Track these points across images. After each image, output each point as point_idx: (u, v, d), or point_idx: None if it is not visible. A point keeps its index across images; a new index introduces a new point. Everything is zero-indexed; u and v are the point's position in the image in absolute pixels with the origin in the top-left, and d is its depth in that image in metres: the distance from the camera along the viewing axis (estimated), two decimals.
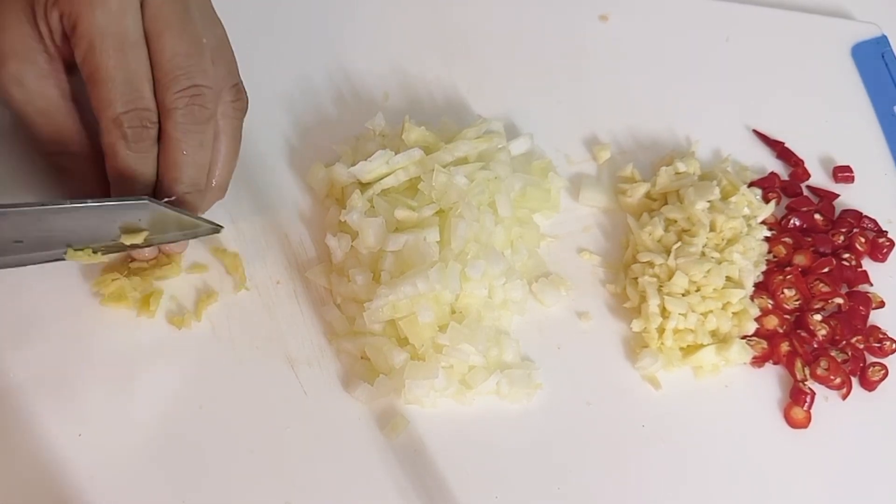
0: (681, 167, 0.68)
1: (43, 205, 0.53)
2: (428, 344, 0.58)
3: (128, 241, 0.56)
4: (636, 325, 0.63)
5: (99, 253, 0.57)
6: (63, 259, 0.57)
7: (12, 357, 0.56)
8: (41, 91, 0.55)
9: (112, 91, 0.53)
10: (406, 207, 0.61)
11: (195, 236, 0.59)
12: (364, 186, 0.63)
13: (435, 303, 0.58)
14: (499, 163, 0.64)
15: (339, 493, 0.56)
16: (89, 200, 0.54)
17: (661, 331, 0.62)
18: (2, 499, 0.53)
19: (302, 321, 0.61)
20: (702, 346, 0.62)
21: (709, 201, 0.65)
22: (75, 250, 0.56)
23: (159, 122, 0.55)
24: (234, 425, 0.57)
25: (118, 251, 0.58)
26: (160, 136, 0.56)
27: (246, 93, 0.60)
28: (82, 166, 0.57)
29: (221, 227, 0.59)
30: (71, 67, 0.56)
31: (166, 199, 0.56)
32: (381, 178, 0.63)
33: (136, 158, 0.55)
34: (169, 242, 0.59)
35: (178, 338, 0.59)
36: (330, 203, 0.65)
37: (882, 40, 0.80)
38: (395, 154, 0.63)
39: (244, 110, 0.60)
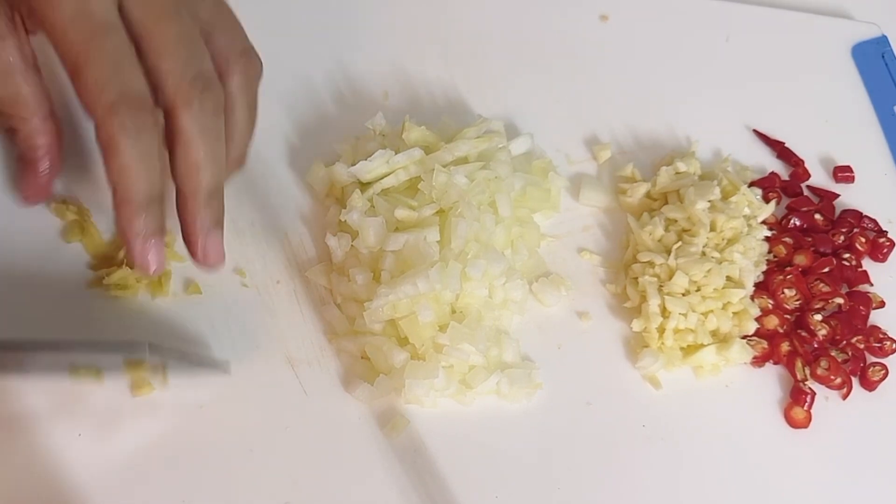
0: (681, 167, 0.68)
1: (42, 342, 0.53)
2: (428, 344, 0.58)
3: (130, 372, 0.55)
4: (636, 325, 0.63)
5: (102, 372, 0.55)
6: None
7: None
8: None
9: (99, 77, 0.48)
10: (406, 207, 0.61)
11: (199, 371, 0.57)
12: (364, 186, 0.63)
13: (435, 302, 0.58)
14: (499, 162, 0.64)
15: (339, 493, 0.56)
16: (87, 341, 0.54)
17: (661, 330, 0.62)
18: (2, 499, 0.52)
19: (302, 321, 0.60)
20: (702, 345, 0.62)
21: (709, 201, 0.65)
22: (78, 370, 0.55)
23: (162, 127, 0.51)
24: (233, 425, 0.56)
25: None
26: (168, 144, 0.51)
27: (257, 55, 0.55)
28: (35, 135, 0.54)
29: (229, 368, 0.57)
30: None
31: (168, 347, 0.55)
32: (382, 178, 0.63)
33: (139, 151, 0.49)
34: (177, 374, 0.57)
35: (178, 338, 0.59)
36: (330, 203, 0.65)
37: (882, 40, 0.80)
38: (396, 154, 0.63)
39: (259, 75, 0.56)
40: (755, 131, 0.74)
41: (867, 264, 0.68)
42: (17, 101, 0.54)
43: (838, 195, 0.71)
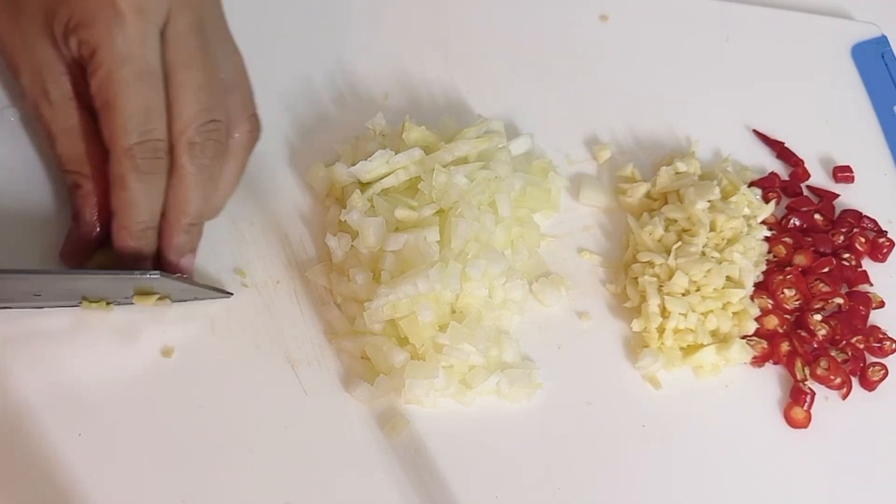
0: (681, 167, 0.68)
1: (60, 272, 0.55)
2: (428, 343, 0.58)
3: (139, 302, 0.58)
4: (636, 325, 0.63)
5: (111, 304, 0.58)
6: (78, 306, 0.57)
7: (12, 358, 0.56)
8: (67, 112, 0.55)
9: (128, 121, 0.53)
10: (406, 207, 0.61)
11: (204, 298, 0.59)
12: (364, 186, 0.63)
13: (435, 302, 0.58)
14: (499, 162, 0.64)
15: (339, 493, 0.56)
16: (103, 272, 0.56)
17: (661, 330, 0.62)
18: (2, 499, 0.52)
19: (302, 321, 0.61)
20: (702, 345, 0.62)
21: (709, 201, 0.65)
22: (90, 301, 0.57)
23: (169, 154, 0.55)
24: (234, 425, 0.56)
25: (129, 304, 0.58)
26: (169, 169, 0.55)
27: (260, 122, 0.60)
28: (95, 190, 0.56)
29: (231, 293, 0.60)
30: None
31: (177, 276, 0.57)
32: (382, 178, 0.63)
33: (145, 190, 0.54)
34: (181, 301, 0.59)
35: (178, 338, 0.58)
36: (330, 203, 0.65)
37: (882, 40, 0.80)
38: (396, 154, 0.63)
39: (256, 141, 0.60)
40: (755, 131, 0.74)
41: (867, 264, 0.69)
42: (83, 161, 0.56)
43: (838, 195, 0.71)
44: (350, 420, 0.58)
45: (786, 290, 0.65)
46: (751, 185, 0.69)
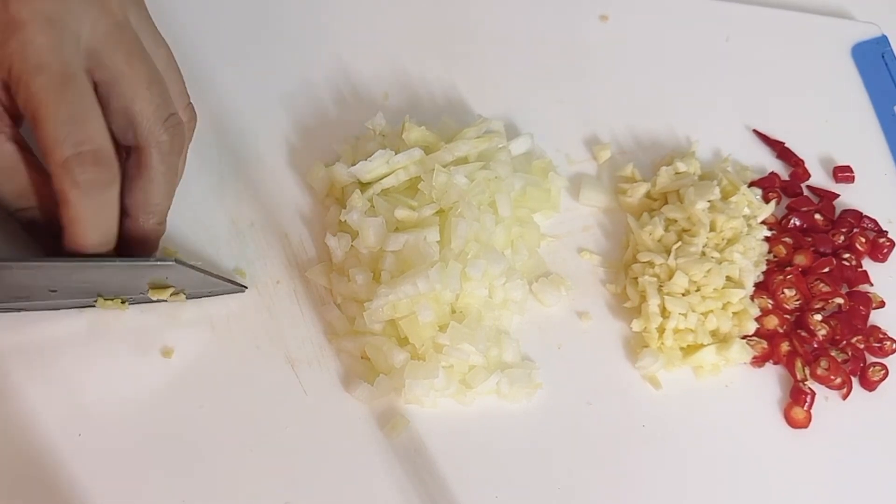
0: (681, 167, 0.68)
1: (75, 260, 0.53)
2: (428, 344, 0.58)
3: (155, 296, 0.58)
4: (636, 325, 0.63)
5: (126, 303, 0.58)
6: (93, 306, 0.57)
7: (12, 357, 0.56)
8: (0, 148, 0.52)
9: (56, 130, 0.49)
10: (406, 207, 0.61)
11: (219, 292, 0.60)
12: (364, 186, 0.63)
13: (435, 302, 0.58)
14: (499, 162, 0.64)
15: (339, 493, 0.56)
16: (118, 260, 0.54)
17: (661, 330, 0.62)
18: (2, 499, 0.53)
19: (302, 321, 0.61)
20: (702, 345, 0.62)
21: (709, 201, 0.65)
22: (105, 299, 0.57)
23: (124, 159, 0.53)
24: (234, 425, 0.56)
25: (145, 302, 0.58)
26: (128, 173, 0.54)
27: (195, 111, 0.58)
28: (53, 217, 0.53)
29: (245, 287, 0.60)
30: (18, 119, 0.52)
31: (192, 264, 0.56)
32: (382, 178, 0.63)
33: (89, 206, 0.51)
34: (195, 297, 0.59)
35: (178, 338, 0.59)
36: (330, 203, 0.65)
37: (882, 40, 0.80)
38: (396, 154, 0.63)
39: (195, 128, 0.58)
40: (755, 131, 0.74)
41: (867, 264, 0.68)
42: (29, 195, 0.54)
43: (838, 195, 0.71)
44: (350, 420, 0.58)
45: (786, 290, 0.65)
46: (751, 185, 0.69)
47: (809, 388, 0.62)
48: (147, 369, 0.57)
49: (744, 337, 0.63)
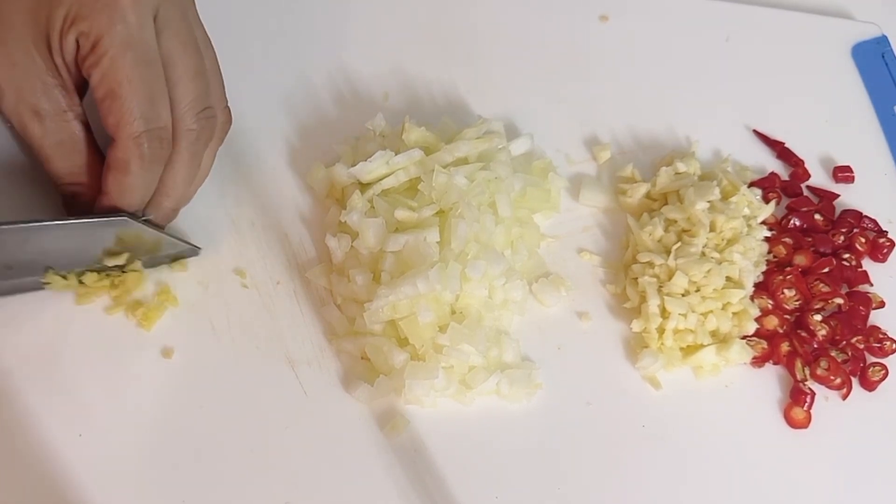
0: (681, 167, 0.68)
1: (26, 222, 0.54)
2: (428, 344, 0.58)
3: (110, 262, 0.57)
4: (636, 326, 0.63)
5: (79, 278, 0.58)
6: (43, 288, 0.57)
7: (12, 358, 0.56)
8: (61, 125, 0.55)
9: (135, 107, 0.53)
10: (406, 208, 0.61)
11: (174, 259, 0.60)
12: (364, 187, 0.63)
13: (435, 303, 0.58)
14: (499, 163, 0.65)
15: (339, 493, 0.56)
16: (70, 218, 0.55)
17: (661, 331, 0.62)
18: (2, 499, 0.53)
19: (302, 321, 0.61)
20: (702, 346, 0.62)
21: (709, 201, 0.65)
22: (56, 274, 0.57)
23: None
24: (234, 425, 0.57)
25: (99, 271, 0.58)
26: None
27: (231, 113, 0.60)
28: (94, 194, 0.56)
29: (200, 248, 0.61)
30: (82, 95, 0.55)
31: (144, 218, 0.57)
32: (382, 179, 0.63)
33: (145, 177, 0.55)
34: (154, 266, 0.59)
35: (178, 338, 0.59)
36: (330, 203, 0.65)
37: (882, 40, 0.80)
38: (396, 154, 0.63)
39: (228, 131, 0.61)
40: (755, 131, 0.74)
41: (867, 264, 0.68)
42: (82, 171, 0.56)
43: (838, 195, 0.71)
44: (350, 420, 0.58)
45: (786, 291, 0.65)
46: (751, 185, 0.69)
47: (809, 389, 0.62)
48: (147, 369, 0.58)
49: (744, 337, 0.63)
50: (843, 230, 0.69)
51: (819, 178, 0.72)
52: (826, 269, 0.66)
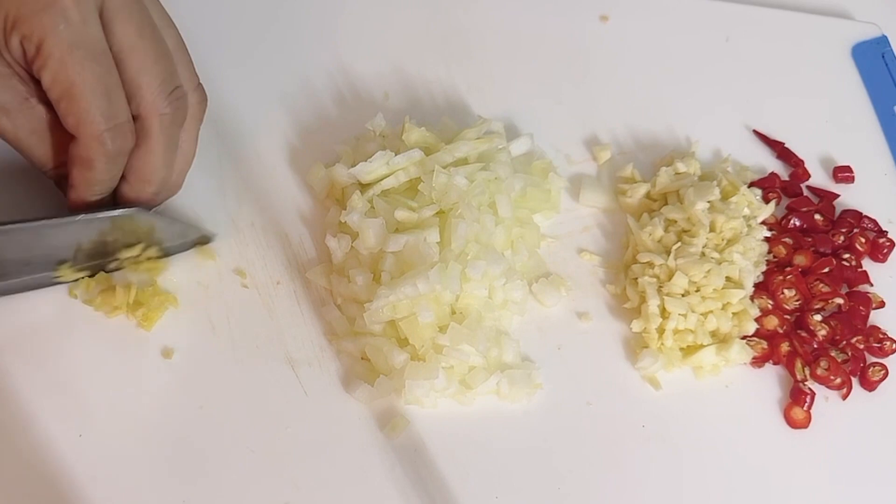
0: (681, 167, 0.68)
1: (38, 220, 0.54)
2: (428, 344, 0.58)
3: (125, 255, 0.58)
4: (636, 326, 0.63)
5: (89, 273, 0.58)
6: (58, 282, 0.58)
7: (13, 358, 0.56)
8: (28, 113, 0.54)
9: (92, 106, 0.52)
10: (406, 208, 0.61)
11: (186, 248, 0.60)
12: (364, 187, 0.63)
13: (435, 303, 0.58)
14: (499, 163, 0.65)
15: (339, 493, 0.56)
16: (80, 215, 0.55)
17: (661, 331, 0.62)
18: (2, 499, 0.53)
19: (302, 321, 0.61)
20: (702, 346, 0.62)
21: (709, 201, 0.65)
22: (72, 268, 0.57)
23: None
24: (234, 425, 0.57)
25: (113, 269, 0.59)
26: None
27: (206, 93, 0.59)
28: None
29: (215, 234, 0.61)
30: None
31: (154, 209, 0.57)
32: (382, 179, 0.63)
33: (112, 169, 0.54)
34: (163, 257, 0.59)
35: (178, 338, 0.59)
36: (330, 203, 0.65)
37: (882, 40, 0.80)
38: (396, 155, 0.63)
39: (205, 110, 0.59)
40: (755, 131, 0.74)
41: (867, 264, 0.68)
42: (64, 152, 0.55)
43: (838, 195, 0.71)
44: (350, 420, 0.58)
45: (786, 291, 0.65)
46: (751, 185, 0.69)
47: (809, 389, 0.62)
48: (147, 369, 0.58)
49: (744, 337, 0.63)
50: (843, 230, 0.69)
51: (819, 178, 0.72)
52: (826, 270, 0.66)
